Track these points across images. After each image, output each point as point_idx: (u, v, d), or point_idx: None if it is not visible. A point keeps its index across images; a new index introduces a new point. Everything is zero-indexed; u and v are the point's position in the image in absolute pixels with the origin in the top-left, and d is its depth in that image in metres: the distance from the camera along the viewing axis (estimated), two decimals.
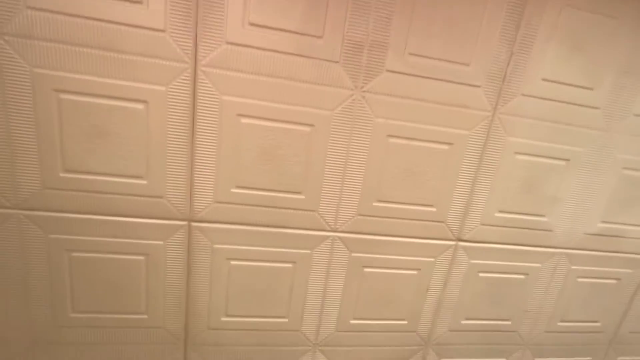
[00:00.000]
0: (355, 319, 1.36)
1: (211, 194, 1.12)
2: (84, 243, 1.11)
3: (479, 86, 1.13)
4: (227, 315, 1.27)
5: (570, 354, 1.63)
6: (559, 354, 1.61)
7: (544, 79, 1.15)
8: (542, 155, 1.25)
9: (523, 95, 1.16)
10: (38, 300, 1.15)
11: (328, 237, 1.23)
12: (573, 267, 1.45)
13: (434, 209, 1.25)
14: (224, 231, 1.16)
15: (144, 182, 1.07)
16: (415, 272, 1.33)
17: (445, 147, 1.18)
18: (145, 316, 1.22)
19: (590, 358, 1.67)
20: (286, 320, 1.31)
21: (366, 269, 1.29)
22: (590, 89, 1.18)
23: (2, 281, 1.11)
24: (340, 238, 1.24)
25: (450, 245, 1.32)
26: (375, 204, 1.21)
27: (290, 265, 1.24)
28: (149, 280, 1.18)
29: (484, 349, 1.53)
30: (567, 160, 1.27)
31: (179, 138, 1.05)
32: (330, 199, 1.18)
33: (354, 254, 1.26)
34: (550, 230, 1.37)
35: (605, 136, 1.26)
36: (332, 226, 1.22)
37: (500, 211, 1.30)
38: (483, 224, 1.31)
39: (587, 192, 1.33)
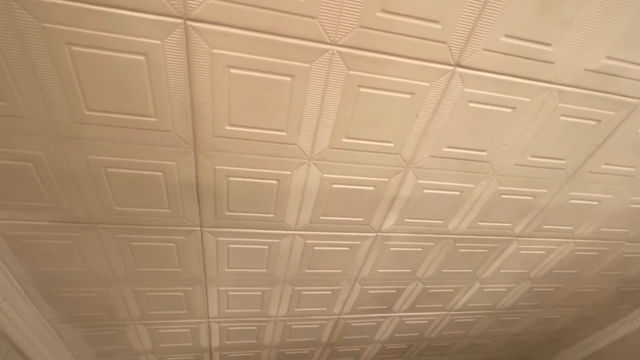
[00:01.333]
0: (347, 137, 1.49)
1: None
2: (80, 36, 1.10)
3: None
4: (231, 125, 1.38)
5: (528, 185, 1.87)
6: (518, 184, 1.86)
7: None
8: None
9: None
10: (53, 98, 1.22)
11: (327, 50, 1.22)
12: (560, 105, 1.51)
13: (439, 26, 1.20)
14: (221, 34, 1.14)
15: None
16: (408, 96, 1.38)
17: None
18: (154, 119, 1.33)
19: (546, 190, 1.93)
20: (284, 134, 1.44)
21: (362, 89, 1.34)
22: None
23: (15, 77, 1.15)
24: (339, 53, 1.23)
25: (448, 70, 1.33)
26: (378, 14, 1.15)
27: (288, 78, 1.27)
28: (152, 83, 1.23)
29: (457, 175, 1.76)
30: None
31: None
32: (332, 3, 1.11)
33: (351, 72, 1.28)
34: (551, 63, 1.36)
35: None
36: (332, 38, 1.19)
37: (507, 35, 1.26)
38: (485, 49, 1.28)
39: (604, 19, 1.26)
